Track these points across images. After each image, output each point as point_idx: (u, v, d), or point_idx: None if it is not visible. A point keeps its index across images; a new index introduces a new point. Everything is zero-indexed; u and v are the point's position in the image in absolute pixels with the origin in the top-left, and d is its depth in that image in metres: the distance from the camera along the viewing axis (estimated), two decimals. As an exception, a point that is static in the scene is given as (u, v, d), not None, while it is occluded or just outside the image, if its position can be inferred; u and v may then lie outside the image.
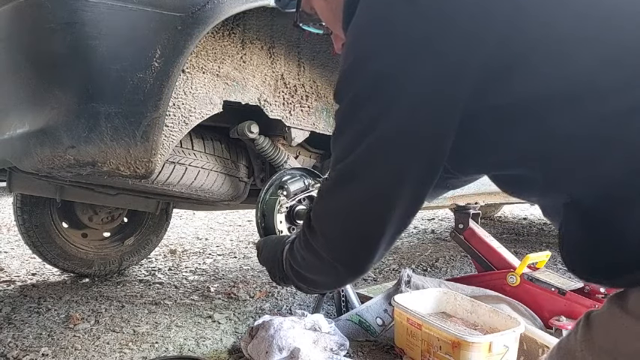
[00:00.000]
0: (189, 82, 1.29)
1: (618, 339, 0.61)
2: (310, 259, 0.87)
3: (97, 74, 1.04)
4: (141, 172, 1.16)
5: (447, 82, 0.64)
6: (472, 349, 1.38)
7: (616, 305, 0.62)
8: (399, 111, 0.66)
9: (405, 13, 0.65)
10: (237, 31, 1.38)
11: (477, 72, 0.63)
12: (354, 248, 0.78)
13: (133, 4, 1.04)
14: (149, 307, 2.08)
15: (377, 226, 0.74)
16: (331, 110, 1.66)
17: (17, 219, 2.39)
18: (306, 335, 1.52)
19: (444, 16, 0.63)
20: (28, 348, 1.66)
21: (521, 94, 0.63)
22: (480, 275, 2.14)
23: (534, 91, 0.62)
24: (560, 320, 1.74)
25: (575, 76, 0.60)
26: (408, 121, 0.66)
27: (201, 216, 4.65)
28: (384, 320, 1.78)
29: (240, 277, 2.60)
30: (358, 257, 0.79)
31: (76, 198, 2.26)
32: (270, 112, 1.49)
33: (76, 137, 1.05)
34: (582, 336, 0.66)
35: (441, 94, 0.65)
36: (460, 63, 0.63)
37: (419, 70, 0.64)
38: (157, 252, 3.10)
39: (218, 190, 1.63)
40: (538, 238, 3.77)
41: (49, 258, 2.44)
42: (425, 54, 0.64)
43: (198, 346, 1.69)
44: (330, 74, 1.63)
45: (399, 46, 0.65)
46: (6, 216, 4.40)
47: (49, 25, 1.02)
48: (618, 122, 0.57)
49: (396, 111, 0.66)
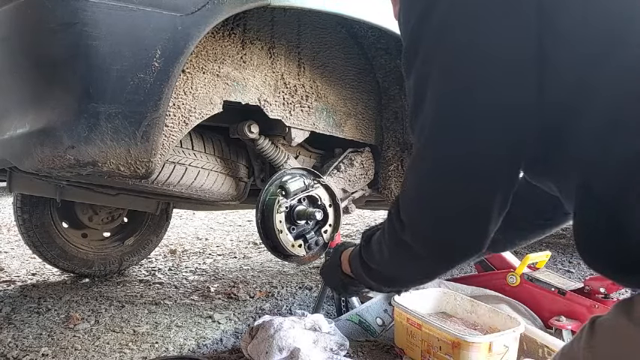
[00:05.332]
0: (189, 82, 1.29)
1: (622, 349, 0.60)
2: (399, 254, 0.81)
3: (97, 74, 1.04)
4: (141, 172, 1.16)
5: (515, 23, 0.64)
6: (472, 349, 1.38)
7: (622, 313, 0.61)
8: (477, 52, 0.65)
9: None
10: (238, 32, 1.38)
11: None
12: (464, 230, 0.71)
13: (133, 4, 1.04)
14: (149, 307, 2.08)
15: (486, 185, 0.68)
16: (331, 110, 1.66)
17: (17, 219, 2.39)
18: (306, 335, 1.52)
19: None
20: (28, 348, 1.66)
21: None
22: (480, 275, 2.14)
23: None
24: (560, 320, 1.74)
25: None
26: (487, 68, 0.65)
27: (201, 216, 4.65)
28: (384, 320, 1.78)
29: (240, 277, 2.60)
30: (469, 240, 0.72)
31: (76, 198, 2.26)
32: (270, 112, 1.49)
33: (77, 137, 1.05)
34: (586, 343, 0.65)
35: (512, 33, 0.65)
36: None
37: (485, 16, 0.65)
38: (157, 252, 3.10)
39: (218, 190, 1.63)
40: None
41: (49, 258, 2.44)
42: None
43: (198, 346, 1.69)
44: (330, 74, 1.63)
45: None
46: (6, 216, 4.40)
47: (49, 25, 1.02)
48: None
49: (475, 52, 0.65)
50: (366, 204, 2.26)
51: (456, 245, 0.74)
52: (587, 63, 0.62)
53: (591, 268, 0.66)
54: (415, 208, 0.76)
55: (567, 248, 3.33)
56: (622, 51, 0.59)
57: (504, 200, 0.70)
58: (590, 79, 0.61)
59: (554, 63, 0.64)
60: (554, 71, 0.64)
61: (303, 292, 2.31)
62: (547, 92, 0.65)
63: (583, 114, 0.62)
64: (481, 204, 0.69)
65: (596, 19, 0.62)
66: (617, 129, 0.59)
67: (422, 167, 0.74)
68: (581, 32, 0.62)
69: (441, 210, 0.72)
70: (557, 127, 0.65)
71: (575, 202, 0.64)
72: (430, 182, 0.73)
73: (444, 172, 0.70)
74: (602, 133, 0.60)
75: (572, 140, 0.64)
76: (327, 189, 1.60)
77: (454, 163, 0.69)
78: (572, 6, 0.64)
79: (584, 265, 2.80)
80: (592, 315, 0.68)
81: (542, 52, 0.64)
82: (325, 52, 1.61)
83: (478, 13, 0.65)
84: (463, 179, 0.68)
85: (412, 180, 0.77)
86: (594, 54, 0.61)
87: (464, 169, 0.68)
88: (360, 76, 1.73)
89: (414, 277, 0.89)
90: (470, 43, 0.66)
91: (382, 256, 0.87)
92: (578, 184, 0.63)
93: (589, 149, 0.62)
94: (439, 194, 0.72)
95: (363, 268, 0.93)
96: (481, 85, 0.65)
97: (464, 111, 0.66)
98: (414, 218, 0.75)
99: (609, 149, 0.59)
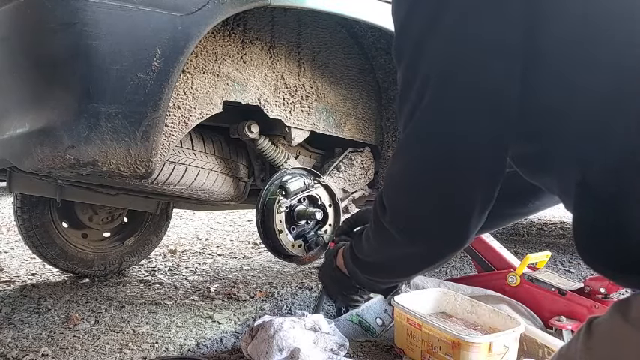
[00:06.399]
0: (189, 82, 1.29)
1: (619, 350, 0.60)
2: (381, 240, 0.82)
3: (97, 74, 1.04)
4: (141, 172, 1.16)
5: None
6: (472, 349, 1.38)
7: (618, 314, 0.61)
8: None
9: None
10: (238, 31, 1.39)
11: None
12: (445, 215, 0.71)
13: (133, 4, 1.04)
14: (149, 307, 2.08)
15: (468, 166, 0.68)
16: (331, 110, 1.66)
17: (17, 219, 2.39)
18: (306, 335, 1.52)
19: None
20: (28, 348, 1.66)
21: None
22: (480, 275, 2.13)
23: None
24: (560, 320, 1.74)
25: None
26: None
27: (201, 216, 4.65)
28: (384, 320, 1.78)
29: (240, 277, 2.60)
30: (451, 227, 0.72)
31: (76, 198, 2.26)
32: (270, 112, 1.49)
33: (77, 137, 1.05)
34: (583, 344, 0.65)
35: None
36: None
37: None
38: (157, 252, 3.10)
39: (218, 190, 1.63)
40: (538, 238, 3.77)
41: (49, 258, 2.44)
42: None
43: (198, 346, 1.69)
44: (330, 74, 1.63)
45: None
46: (6, 216, 4.40)
47: (49, 25, 1.02)
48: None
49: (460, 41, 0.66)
50: (366, 204, 2.26)
51: (432, 235, 0.74)
52: (583, 63, 0.62)
53: (591, 268, 0.66)
54: (396, 193, 0.77)
55: (567, 248, 3.33)
56: (616, 47, 0.59)
57: (487, 196, 0.70)
58: (587, 76, 0.62)
59: (549, 60, 0.64)
60: (547, 66, 0.64)
61: (303, 292, 2.31)
62: (541, 89, 0.65)
63: (581, 112, 0.62)
64: (461, 196, 0.69)
65: (592, 15, 0.62)
66: (616, 128, 0.59)
67: (406, 154, 0.75)
68: (576, 28, 0.62)
69: (420, 198, 0.72)
70: (554, 126, 0.65)
71: (574, 201, 0.64)
72: (413, 170, 0.74)
73: (427, 161, 0.71)
74: (600, 131, 0.60)
75: (570, 138, 0.64)
76: (327, 189, 1.60)
77: (436, 151, 0.69)
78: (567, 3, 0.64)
79: (584, 265, 2.80)
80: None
81: (532, 45, 0.64)
82: (325, 52, 1.61)
83: (469, 2, 0.66)
84: (445, 167, 0.69)
85: (396, 166, 0.78)
86: (590, 51, 0.61)
87: (445, 157, 0.69)
88: (360, 76, 1.73)
89: (397, 268, 0.88)
90: (458, 32, 0.66)
91: (369, 244, 0.88)
92: (577, 182, 0.63)
93: (587, 147, 0.62)
94: (420, 182, 0.72)
95: (354, 261, 0.93)
96: (464, 71, 0.66)
97: (447, 95, 0.67)
98: (394, 204, 0.76)
99: (608, 148, 0.59)
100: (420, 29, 0.70)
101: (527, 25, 0.64)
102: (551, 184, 0.73)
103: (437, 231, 0.73)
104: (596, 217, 0.62)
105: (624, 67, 0.59)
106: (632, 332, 0.59)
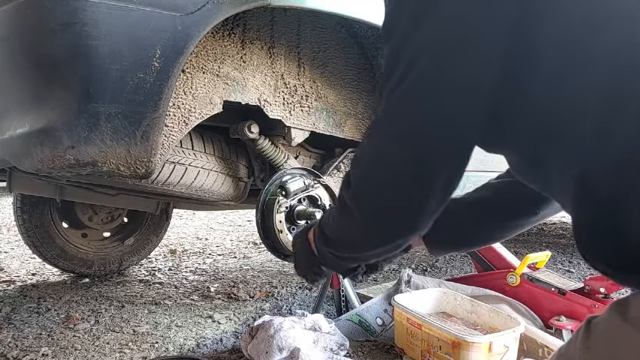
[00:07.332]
0: (189, 82, 1.29)
1: (618, 349, 0.60)
2: (343, 214, 0.82)
3: (97, 74, 1.04)
4: (141, 172, 1.16)
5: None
6: (472, 349, 1.38)
7: (617, 314, 0.61)
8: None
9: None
10: (237, 31, 1.38)
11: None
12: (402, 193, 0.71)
13: (133, 4, 1.04)
14: (149, 307, 2.08)
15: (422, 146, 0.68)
16: (331, 110, 1.66)
17: (17, 219, 2.39)
18: (306, 335, 1.52)
19: None
20: (28, 348, 1.66)
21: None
22: (480, 275, 2.14)
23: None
24: (560, 320, 1.74)
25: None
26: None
27: (201, 216, 4.65)
28: (384, 320, 1.78)
29: (240, 277, 2.60)
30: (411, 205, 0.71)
31: (76, 198, 2.26)
32: (270, 112, 1.49)
33: (76, 137, 1.05)
34: (582, 343, 0.65)
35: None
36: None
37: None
38: (157, 252, 3.10)
39: (218, 190, 1.63)
40: (538, 238, 3.77)
41: (49, 258, 2.44)
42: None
43: (198, 346, 1.69)
44: (330, 74, 1.63)
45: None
46: (6, 216, 4.41)
47: (49, 25, 1.02)
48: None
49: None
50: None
51: (386, 214, 0.74)
52: (581, 63, 0.62)
53: (592, 267, 0.66)
54: (359, 167, 0.78)
55: (567, 248, 3.33)
56: (616, 47, 0.59)
57: (446, 186, 0.70)
58: (585, 76, 0.61)
59: (545, 59, 0.64)
60: (543, 66, 0.64)
61: (303, 292, 2.31)
62: (537, 89, 0.65)
63: (580, 111, 0.62)
64: (422, 178, 0.69)
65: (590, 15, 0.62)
66: (616, 128, 0.58)
67: (377, 132, 0.75)
68: (573, 28, 0.62)
69: (381, 177, 0.73)
70: (553, 126, 0.65)
71: (573, 201, 0.64)
72: (380, 148, 0.74)
73: (393, 140, 0.71)
74: (599, 131, 0.60)
75: (569, 138, 0.64)
76: (327, 189, 1.60)
77: (405, 132, 0.69)
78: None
79: (585, 265, 2.80)
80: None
81: (525, 44, 0.64)
82: (325, 52, 1.61)
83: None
84: (410, 148, 0.69)
85: (367, 142, 0.78)
86: (588, 51, 0.61)
87: (413, 139, 0.69)
88: (360, 76, 1.73)
89: (354, 246, 0.88)
90: (443, 18, 0.66)
91: (333, 219, 0.88)
92: (576, 182, 0.63)
93: (586, 148, 0.61)
94: (385, 161, 0.72)
95: (321, 237, 0.93)
96: (444, 57, 0.66)
97: (423, 79, 0.67)
98: (356, 179, 0.77)
99: (607, 148, 0.59)
100: (409, 17, 0.70)
101: (517, 22, 0.64)
102: (551, 186, 0.73)
103: (392, 210, 0.73)
104: (595, 217, 0.61)
105: (624, 66, 0.58)
106: (631, 332, 0.59)
